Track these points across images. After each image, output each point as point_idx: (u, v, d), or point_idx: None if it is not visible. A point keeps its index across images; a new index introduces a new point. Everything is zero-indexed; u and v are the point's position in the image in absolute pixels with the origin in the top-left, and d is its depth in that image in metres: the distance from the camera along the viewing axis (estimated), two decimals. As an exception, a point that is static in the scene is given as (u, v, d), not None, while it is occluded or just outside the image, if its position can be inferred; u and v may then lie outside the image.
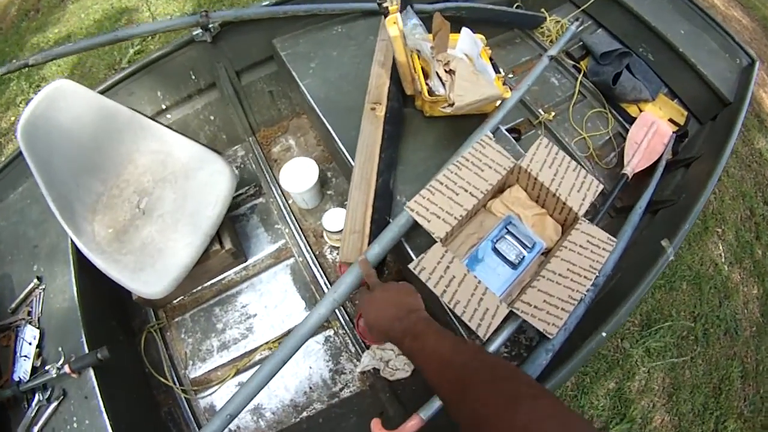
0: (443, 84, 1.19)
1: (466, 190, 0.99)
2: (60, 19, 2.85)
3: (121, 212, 1.35)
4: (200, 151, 1.32)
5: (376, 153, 1.13)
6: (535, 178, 1.03)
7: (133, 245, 1.29)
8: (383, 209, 1.06)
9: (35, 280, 1.28)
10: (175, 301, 1.41)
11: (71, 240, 1.27)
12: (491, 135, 1.14)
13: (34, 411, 1.15)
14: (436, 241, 0.92)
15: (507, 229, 1.02)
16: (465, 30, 1.35)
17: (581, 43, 1.79)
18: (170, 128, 1.40)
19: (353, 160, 1.14)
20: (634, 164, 1.43)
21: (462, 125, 1.21)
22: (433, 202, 0.96)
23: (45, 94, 1.21)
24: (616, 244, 1.03)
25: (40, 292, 1.28)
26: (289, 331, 1.28)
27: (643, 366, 1.79)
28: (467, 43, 1.35)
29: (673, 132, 1.61)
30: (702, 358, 1.90)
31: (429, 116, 1.24)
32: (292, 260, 1.39)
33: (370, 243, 1.00)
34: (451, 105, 1.11)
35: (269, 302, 1.36)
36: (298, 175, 1.35)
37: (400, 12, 1.29)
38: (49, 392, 1.16)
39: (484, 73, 1.28)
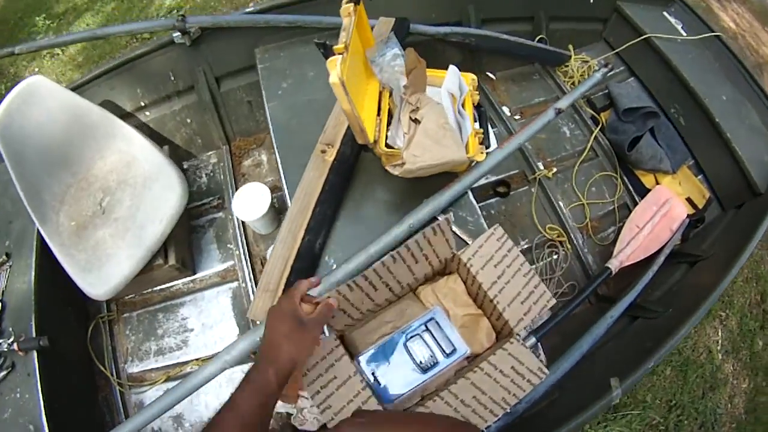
0: (405, 135, 1.06)
1: (387, 285, 0.87)
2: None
3: (86, 206, 1.36)
4: (161, 161, 1.28)
5: (310, 206, 1.03)
6: (474, 276, 0.89)
7: (87, 243, 1.30)
8: (301, 272, 0.97)
9: (3, 256, 1.31)
10: (127, 297, 1.43)
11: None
12: (450, 218, 1.01)
13: (-13, 374, 1.22)
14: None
15: (426, 326, 0.88)
16: (452, 68, 1.18)
17: (607, 91, 1.54)
18: (140, 130, 1.36)
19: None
20: (624, 257, 1.22)
21: (423, 183, 1.05)
22: (346, 297, 0.84)
23: (19, 91, 1.23)
24: (548, 376, 0.88)
25: (7, 268, 1.30)
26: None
27: (596, 453, 1.65)
28: (454, 83, 1.19)
29: (688, 216, 1.37)
30: (668, 452, 1.73)
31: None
32: (235, 284, 1.35)
33: (279, 307, 0.95)
34: (401, 165, 0.99)
35: (207, 321, 1.34)
36: (251, 202, 1.27)
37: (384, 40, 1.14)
38: (2, 361, 1.21)
39: (458, 127, 1.12)
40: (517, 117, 1.54)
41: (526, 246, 1.33)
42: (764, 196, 1.31)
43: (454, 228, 1.04)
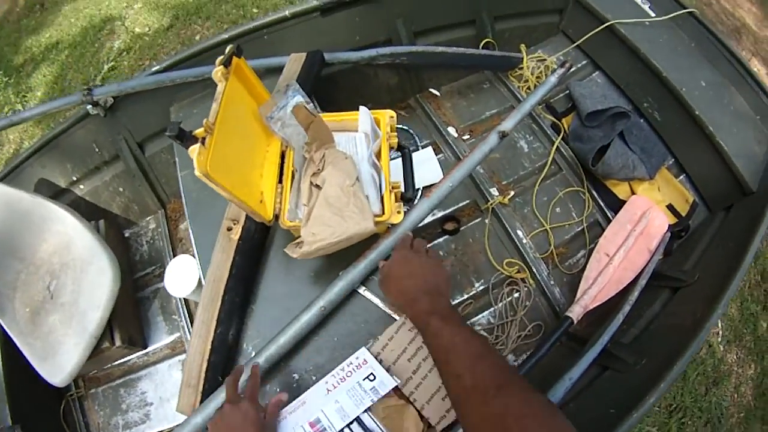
0: (305, 207, 0.97)
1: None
2: (53, 21, 2.97)
3: (36, 291, 1.38)
4: (92, 243, 1.27)
5: (220, 293, 0.97)
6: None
7: (41, 330, 1.31)
8: (218, 365, 0.92)
9: (-25, 346, 1.34)
10: (91, 373, 1.47)
11: (-1, 318, 1.34)
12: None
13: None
14: None
15: (350, 428, 0.81)
16: (363, 110, 1.04)
17: (568, 92, 1.36)
18: (76, 206, 1.37)
19: (207, 294, 1.02)
20: (589, 299, 1.08)
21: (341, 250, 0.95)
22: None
23: (-50, 189, 1.27)
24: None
25: (-23, 357, 1.34)
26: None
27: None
28: (367, 126, 1.07)
29: (670, 227, 1.22)
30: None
31: (299, 238, 1.04)
32: (184, 356, 1.33)
33: (202, 401, 0.92)
34: (301, 245, 0.91)
35: (164, 394, 1.35)
36: (181, 276, 1.24)
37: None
38: (-14, 446, 1.29)
39: (368, 187, 0.97)
40: (465, 137, 1.39)
41: (481, 288, 1.19)
42: (757, 194, 1.13)
43: (377, 301, 0.96)
